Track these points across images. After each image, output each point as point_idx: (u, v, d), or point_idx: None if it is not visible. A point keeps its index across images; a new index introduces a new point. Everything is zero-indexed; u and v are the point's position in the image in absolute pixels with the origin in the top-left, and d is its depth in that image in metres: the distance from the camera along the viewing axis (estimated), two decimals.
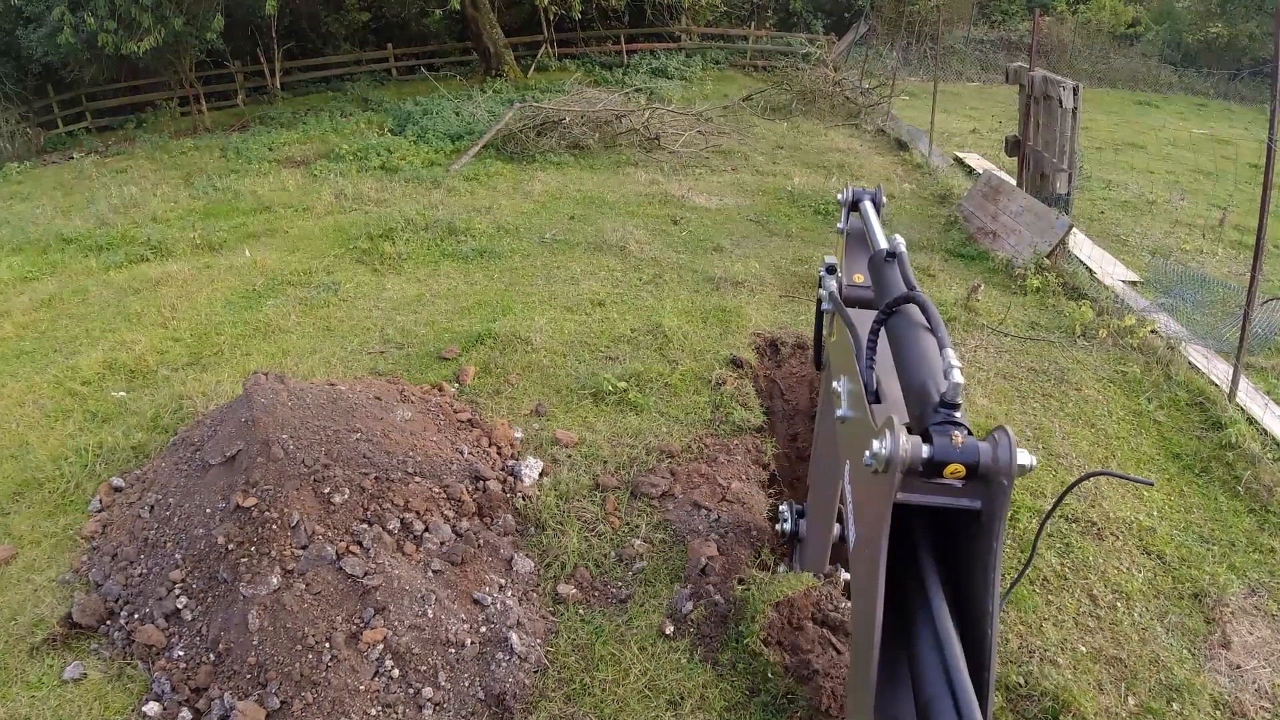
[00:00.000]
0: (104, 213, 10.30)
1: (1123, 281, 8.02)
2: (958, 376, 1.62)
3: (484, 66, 20.12)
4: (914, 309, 2.08)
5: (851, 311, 2.59)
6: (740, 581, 3.81)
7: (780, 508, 3.95)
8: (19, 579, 3.95)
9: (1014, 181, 9.74)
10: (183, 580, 3.64)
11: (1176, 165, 13.70)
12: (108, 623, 3.62)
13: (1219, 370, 6.13)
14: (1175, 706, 3.49)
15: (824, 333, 3.14)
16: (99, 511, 4.36)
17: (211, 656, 3.35)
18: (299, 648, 3.28)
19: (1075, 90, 9.03)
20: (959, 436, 1.52)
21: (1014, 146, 10.16)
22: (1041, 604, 3.97)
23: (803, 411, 5.98)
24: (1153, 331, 6.61)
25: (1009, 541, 4.30)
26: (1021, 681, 3.52)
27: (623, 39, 22.13)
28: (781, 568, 4.02)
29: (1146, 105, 20.55)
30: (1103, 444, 5.25)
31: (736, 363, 5.92)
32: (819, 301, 3.00)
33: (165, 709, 3.22)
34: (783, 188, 10.85)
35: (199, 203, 10.83)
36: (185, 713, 3.19)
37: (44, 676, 3.41)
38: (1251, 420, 5.47)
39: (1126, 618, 3.93)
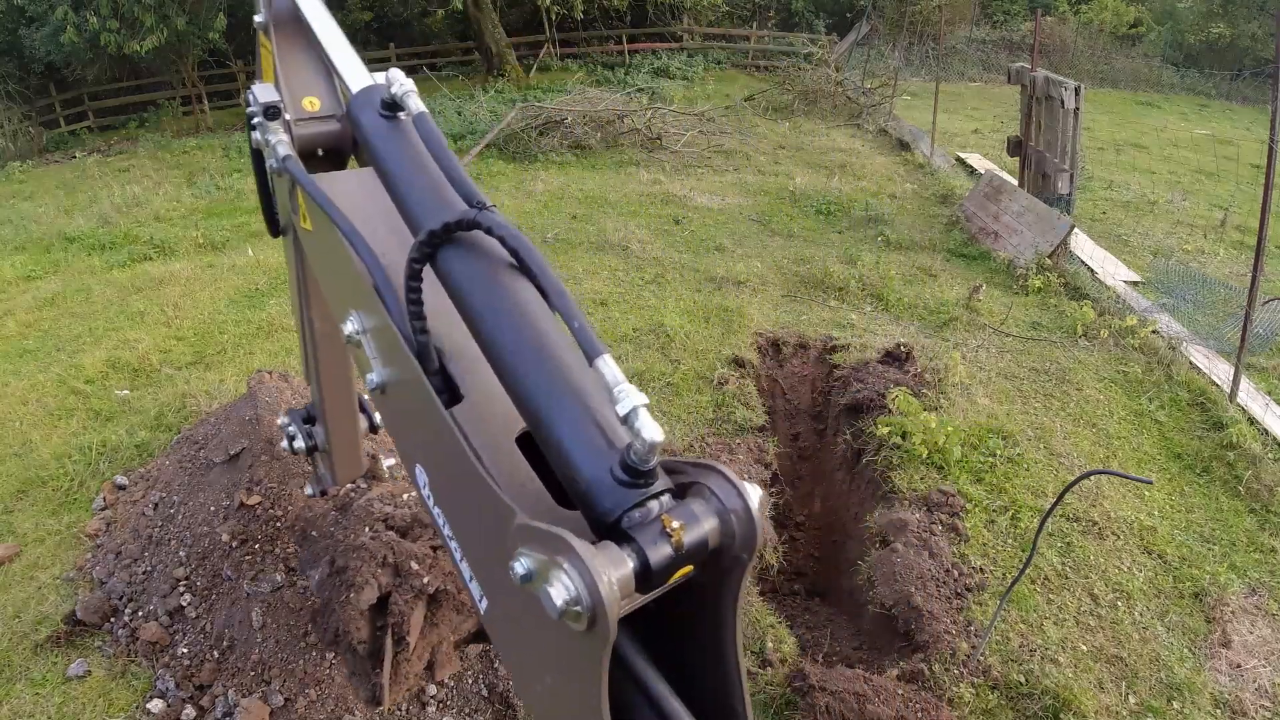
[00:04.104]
0: (107, 212, 10.32)
1: (1124, 282, 8.03)
2: (649, 427, 0.97)
3: (486, 66, 20.14)
4: (486, 240, 1.21)
5: (323, 179, 1.60)
6: None
7: (279, 422, 2.91)
8: (23, 577, 3.96)
9: (1016, 182, 9.74)
10: (186, 578, 3.65)
11: (1178, 166, 13.70)
12: (111, 620, 3.63)
13: (1220, 370, 6.13)
14: (1176, 705, 3.50)
15: (274, 195, 2.11)
16: (102, 510, 4.37)
17: (215, 654, 3.36)
18: (302, 645, 3.29)
19: (1077, 91, 9.04)
20: (676, 525, 0.97)
21: (1016, 147, 10.17)
22: (1042, 603, 3.97)
23: (804, 411, 6.00)
24: (1154, 332, 6.61)
25: (1010, 540, 4.32)
26: (1022, 680, 3.53)
27: (625, 39, 22.15)
28: (307, 490, 3.09)
29: (1148, 105, 20.54)
30: (1104, 444, 5.25)
31: (738, 362, 5.93)
32: (256, 153, 1.92)
33: (169, 706, 3.23)
34: (784, 188, 10.86)
35: (202, 202, 10.85)
36: (189, 710, 3.21)
37: (48, 674, 3.42)
38: (1252, 420, 5.48)
39: (1127, 617, 3.93)
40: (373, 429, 2.80)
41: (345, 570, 2.95)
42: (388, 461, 3.50)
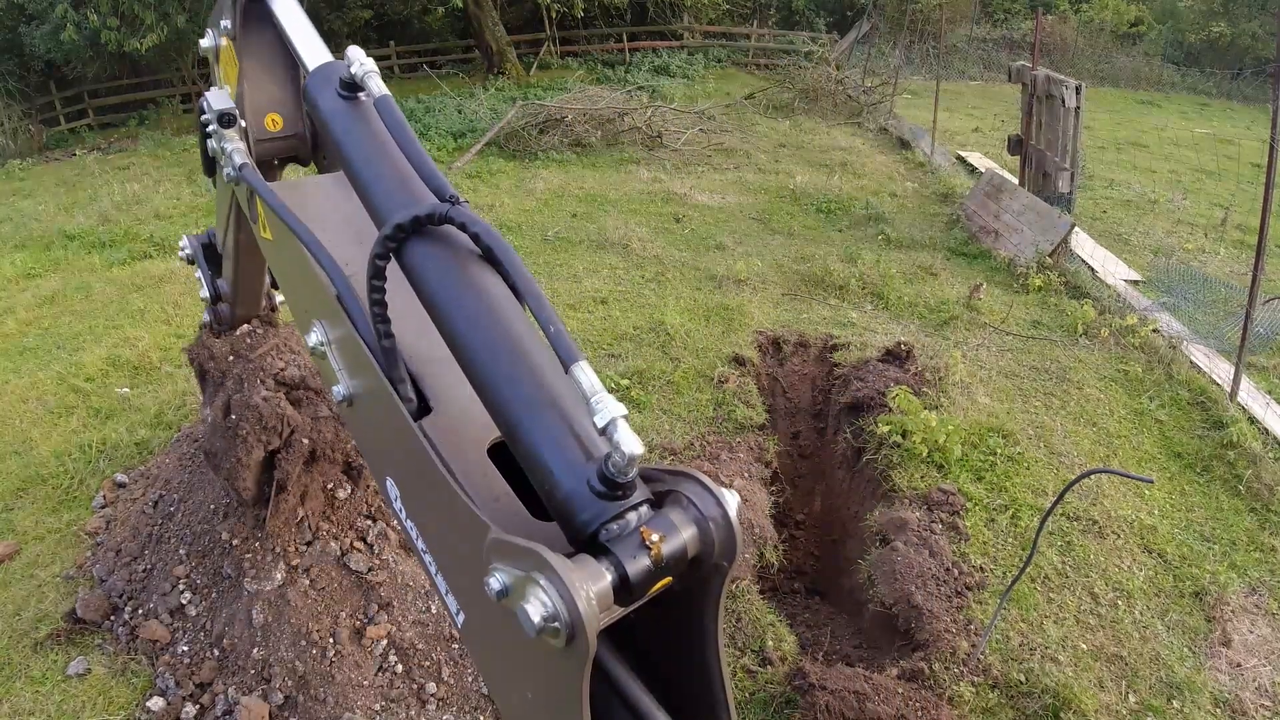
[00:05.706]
0: (107, 210, 10.31)
1: (1125, 281, 8.02)
2: (628, 440, 0.95)
3: (486, 64, 20.11)
4: (457, 237, 1.17)
5: (283, 188, 1.62)
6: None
7: (180, 243, 3.10)
8: (23, 575, 3.96)
9: (1016, 180, 9.74)
10: (186, 576, 3.65)
11: (1179, 164, 13.69)
12: (111, 618, 3.63)
13: (1220, 370, 6.13)
14: (1176, 704, 3.50)
15: (222, 182, 2.09)
16: (102, 508, 4.37)
17: (215, 652, 3.36)
18: (303, 643, 3.29)
19: (1078, 89, 9.03)
20: (655, 536, 0.96)
21: (1016, 145, 10.16)
22: (1042, 602, 3.97)
23: (805, 409, 6.00)
24: (1154, 331, 6.61)
25: (1010, 539, 4.32)
26: (1022, 679, 3.53)
27: (625, 37, 22.13)
28: (205, 317, 3.33)
29: (1149, 104, 20.52)
30: (1104, 443, 5.25)
31: (739, 360, 5.93)
32: (203, 133, 1.84)
33: (169, 704, 3.23)
34: (785, 186, 10.85)
35: (202, 200, 10.83)
36: (189, 708, 3.21)
37: (48, 672, 3.42)
38: (1253, 420, 5.48)
39: (1127, 616, 3.93)
40: (275, 285, 2.94)
41: (239, 425, 3.19)
42: (278, 298, 3.61)
